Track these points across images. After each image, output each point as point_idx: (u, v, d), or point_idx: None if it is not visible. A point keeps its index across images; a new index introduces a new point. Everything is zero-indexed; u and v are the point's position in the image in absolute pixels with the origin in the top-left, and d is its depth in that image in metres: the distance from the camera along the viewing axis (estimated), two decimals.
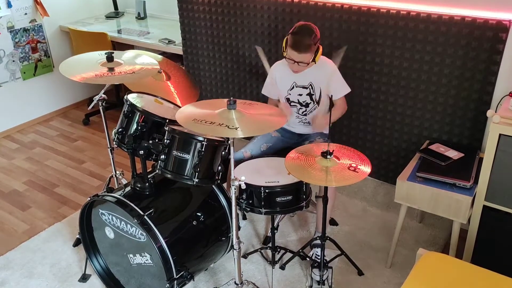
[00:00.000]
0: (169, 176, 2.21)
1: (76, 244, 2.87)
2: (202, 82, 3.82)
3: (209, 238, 2.42)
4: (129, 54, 2.60)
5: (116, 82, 2.44)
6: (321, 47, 2.52)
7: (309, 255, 2.66)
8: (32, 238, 2.96)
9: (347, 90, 2.67)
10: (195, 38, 3.66)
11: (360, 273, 2.61)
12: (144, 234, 2.17)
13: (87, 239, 2.51)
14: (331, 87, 2.62)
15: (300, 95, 2.68)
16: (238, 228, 2.24)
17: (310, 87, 2.65)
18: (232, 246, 2.26)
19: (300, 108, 2.72)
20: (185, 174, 2.19)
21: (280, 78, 2.71)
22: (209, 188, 2.45)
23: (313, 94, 2.66)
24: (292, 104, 2.73)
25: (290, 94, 2.70)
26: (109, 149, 2.79)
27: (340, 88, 2.65)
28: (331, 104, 2.29)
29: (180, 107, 2.55)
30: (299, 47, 2.44)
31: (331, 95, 2.49)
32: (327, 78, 2.61)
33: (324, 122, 2.62)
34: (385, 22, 2.75)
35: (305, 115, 2.73)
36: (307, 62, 2.49)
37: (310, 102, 2.68)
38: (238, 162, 2.65)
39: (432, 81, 2.74)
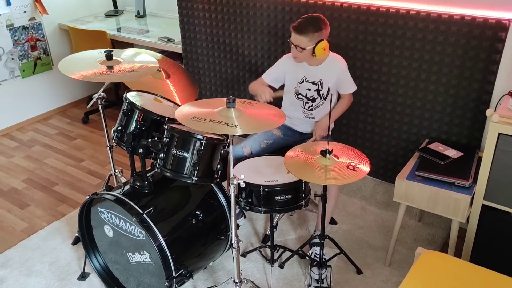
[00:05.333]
0: (168, 174, 2.21)
1: (75, 242, 2.87)
2: (201, 80, 3.81)
3: (208, 237, 2.42)
4: (128, 52, 2.60)
5: (116, 80, 2.44)
6: (325, 42, 2.52)
7: (308, 253, 2.67)
8: (31, 236, 2.96)
9: (354, 88, 2.72)
10: (195, 36, 3.65)
11: (359, 271, 2.61)
12: (143, 232, 2.17)
13: (86, 238, 2.51)
14: (340, 84, 2.67)
15: (309, 89, 2.70)
16: (237, 226, 2.24)
17: (319, 83, 2.66)
18: (231, 245, 2.26)
19: (307, 103, 2.74)
20: (184, 173, 2.19)
21: (291, 69, 2.73)
22: (208, 186, 2.45)
23: (321, 90, 2.68)
24: (299, 97, 2.74)
25: (299, 87, 2.72)
26: (108, 148, 2.79)
27: (349, 86, 2.70)
28: (331, 102, 2.32)
29: (179, 105, 2.54)
30: (297, 28, 2.51)
31: (331, 94, 2.51)
32: (337, 75, 2.64)
33: (326, 126, 2.67)
34: (385, 21, 2.75)
35: (311, 110, 2.74)
36: (303, 47, 2.51)
37: (317, 98, 2.70)
38: (237, 156, 2.66)
39: (431, 80, 2.74)
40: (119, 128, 2.38)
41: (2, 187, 3.48)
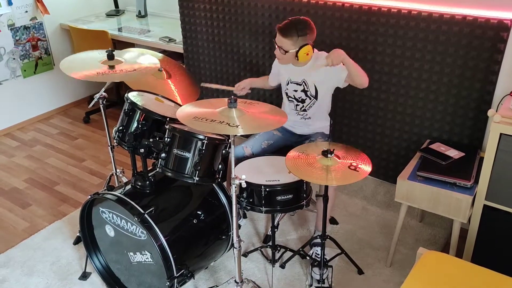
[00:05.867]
0: (169, 174, 2.21)
1: (76, 242, 2.87)
2: (202, 80, 3.81)
3: (209, 237, 2.42)
4: (130, 52, 2.60)
5: (117, 80, 2.44)
6: (309, 47, 2.46)
7: (309, 254, 2.66)
8: (32, 236, 2.96)
9: (346, 72, 2.51)
10: (196, 36, 3.65)
11: (360, 272, 2.61)
12: (145, 232, 2.17)
13: (87, 237, 2.51)
14: (333, 75, 2.54)
15: (295, 91, 2.69)
16: (238, 226, 2.24)
17: (303, 84, 2.64)
18: (232, 245, 2.26)
19: (297, 104, 2.73)
20: (186, 173, 2.19)
21: (280, 71, 2.75)
22: (210, 186, 2.45)
23: (308, 90, 2.66)
24: (289, 99, 2.74)
25: (287, 89, 2.72)
26: (109, 147, 2.79)
27: (342, 70, 2.51)
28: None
29: (180, 105, 2.54)
30: (282, 30, 2.49)
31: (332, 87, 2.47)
32: (324, 71, 2.52)
33: (341, 58, 2.38)
34: (386, 21, 2.75)
35: (304, 110, 2.73)
36: (286, 50, 2.50)
37: (306, 98, 2.68)
38: (238, 157, 2.66)
39: (433, 80, 2.73)
40: (121, 128, 2.38)
41: (4, 186, 3.48)
